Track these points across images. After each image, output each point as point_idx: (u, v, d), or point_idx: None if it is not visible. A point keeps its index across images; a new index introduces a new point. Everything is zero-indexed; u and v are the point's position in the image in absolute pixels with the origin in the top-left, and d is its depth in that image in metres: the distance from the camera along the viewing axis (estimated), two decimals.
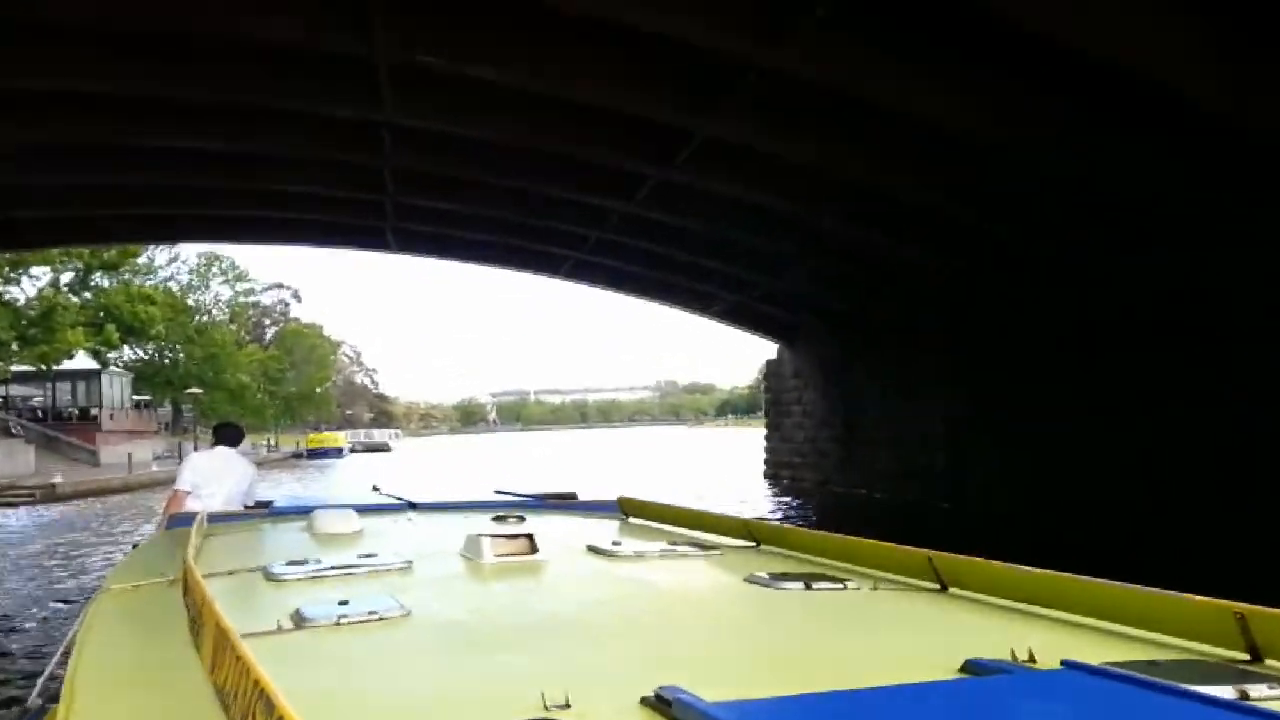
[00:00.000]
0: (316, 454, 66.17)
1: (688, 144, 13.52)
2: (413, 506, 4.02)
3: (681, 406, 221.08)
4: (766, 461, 28.49)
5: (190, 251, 66.52)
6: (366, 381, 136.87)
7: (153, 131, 14.12)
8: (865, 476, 21.75)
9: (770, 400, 28.44)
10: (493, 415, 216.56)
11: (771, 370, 28.07)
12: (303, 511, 3.56)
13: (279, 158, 16.15)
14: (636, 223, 18.23)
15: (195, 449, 44.32)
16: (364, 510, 3.47)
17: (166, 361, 62.22)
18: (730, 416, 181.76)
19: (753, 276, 20.77)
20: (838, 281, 20.03)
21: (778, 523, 4.04)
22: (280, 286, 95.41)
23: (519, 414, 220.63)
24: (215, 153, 15.69)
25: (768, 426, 28.61)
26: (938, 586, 2.06)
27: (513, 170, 15.95)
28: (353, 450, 76.00)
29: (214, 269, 68.16)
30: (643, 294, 25.45)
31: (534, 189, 17.21)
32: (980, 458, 17.41)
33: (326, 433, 78.68)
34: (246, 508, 5.04)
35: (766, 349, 27.14)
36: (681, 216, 17.41)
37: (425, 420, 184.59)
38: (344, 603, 1.83)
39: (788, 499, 23.14)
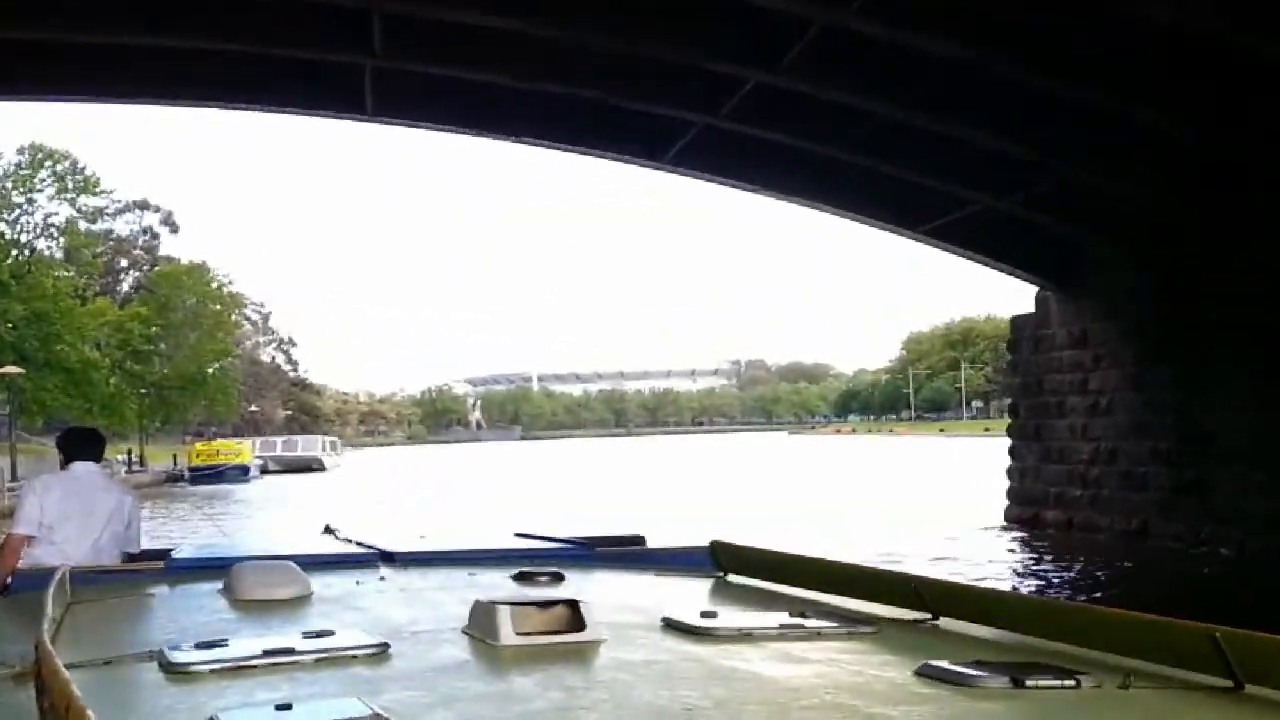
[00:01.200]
0: (205, 475, 66.99)
1: None
2: (387, 558, 4.57)
3: (775, 401, 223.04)
4: (1013, 494, 28.67)
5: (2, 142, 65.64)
6: (279, 360, 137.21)
7: None
8: (1224, 524, 21.54)
9: (1021, 386, 28.86)
10: (475, 414, 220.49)
11: (1024, 333, 28.41)
12: (218, 566, 4.06)
13: None
14: (833, 54, 17.94)
15: (13, 467, 43.52)
16: (312, 564, 3.97)
17: None
18: (855, 417, 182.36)
19: (1045, 159, 20.37)
20: (1182, 171, 19.88)
21: (965, 583, 4.48)
22: (145, 207, 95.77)
23: (516, 411, 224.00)
24: None
25: (1014, 432, 29.00)
26: (1229, 682, 2.30)
27: None
28: (264, 470, 77.18)
29: (43, 173, 67.67)
30: (805, 194, 25.74)
31: None
32: None
33: (221, 441, 79.00)
34: (128, 558, 6.15)
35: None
36: (925, 33, 17.12)
37: (370, 422, 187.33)
38: (284, 708, 2.04)
39: (1063, 562, 23.14)
